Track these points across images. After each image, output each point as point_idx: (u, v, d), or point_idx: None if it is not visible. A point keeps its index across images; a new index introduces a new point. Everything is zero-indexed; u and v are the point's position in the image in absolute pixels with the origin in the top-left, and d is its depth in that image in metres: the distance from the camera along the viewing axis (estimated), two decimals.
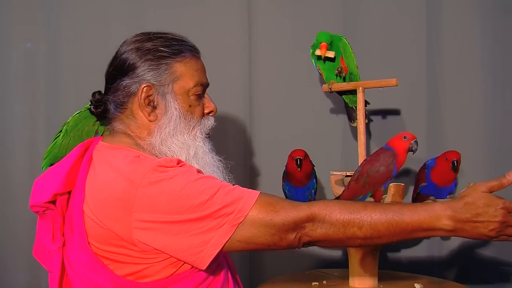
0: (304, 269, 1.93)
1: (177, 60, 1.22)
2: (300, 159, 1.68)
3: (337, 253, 2.01)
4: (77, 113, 1.52)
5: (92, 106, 1.28)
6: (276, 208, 1.07)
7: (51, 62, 2.01)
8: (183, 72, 1.22)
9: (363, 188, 1.53)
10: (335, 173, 1.79)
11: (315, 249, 2.00)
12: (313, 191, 1.76)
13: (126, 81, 1.20)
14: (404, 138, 1.51)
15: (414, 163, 1.90)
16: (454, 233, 1.07)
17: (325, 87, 1.79)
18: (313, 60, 1.79)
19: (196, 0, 2.02)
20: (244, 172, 2.02)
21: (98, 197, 1.12)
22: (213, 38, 2.01)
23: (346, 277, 1.73)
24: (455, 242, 1.95)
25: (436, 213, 1.06)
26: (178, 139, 1.20)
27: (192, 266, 1.11)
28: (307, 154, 1.71)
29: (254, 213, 1.06)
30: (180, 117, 1.20)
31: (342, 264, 1.97)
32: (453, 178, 1.67)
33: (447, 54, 1.94)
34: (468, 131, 1.93)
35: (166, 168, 1.09)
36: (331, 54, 1.70)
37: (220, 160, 1.27)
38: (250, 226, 1.06)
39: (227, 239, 1.05)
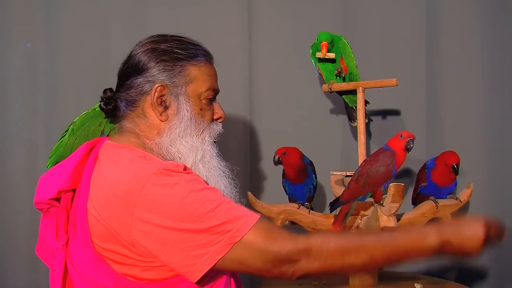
0: None
1: (192, 63, 1.22)
2: (276, 157, 1.70)
3: None
4: (84, 113, 1.52)
5: (102, 102, 1.27)
6: (274, 235, 1.06)
7: (51, 62, 2.01)
8: (197, 76, 1.22)
9: (363, 188, 1.53)
10: (335, 173, 1.79)
11: None
12: (311, 187, 1.77)
13: (139, 80, 1.20)
14: (401, 137, 1.51)
15: (414, 163, 1.90)
16: (442, 249, 1.08)
17: (325, 87, 1.79)
18: (312, 61, 1.79)
19: (196, 0, 2.02)
20: (244, 171, 2.02)
21: (103, 195, 1.12)
22: (213, 38, 2.00)
23: (346, 277, 1.73)
24: None
25: (424, 230, 1.09)
26: (187, 141, 1.20)
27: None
28: (291, 150, 1.71)
29: (252, 236, 1.05)
30: (191, 119, 1.21)
31: None
32: (454, 178, 1.68)
33: (447, 54, 1.94)
34: (468, 131, 1.93)
35: (172, 173, 1.08)
36: (331, 56, 1.70)
37: (227, 166, 1.26)
38: (245, 248, 1.05)
39: (221, 256, 1.05)
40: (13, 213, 1.97)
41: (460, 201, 1.68)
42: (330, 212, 1.69)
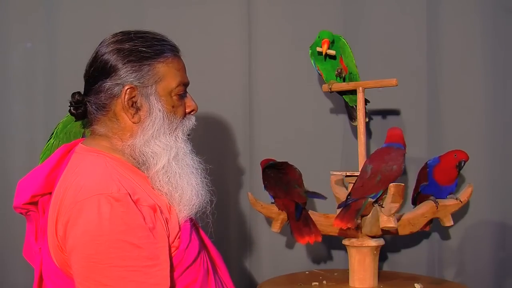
0: (304, 269, 1.93)
1: (159, 60, 1.19)
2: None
3: (337, 253, 2.01)
4: (67, 116, 1.52)
5: (71, 107, 1.25)
6: None
7: (51, 62, 2.01)
8: (165, 73, 1.19)
9: (376, 186, 1.53)
10: (335, 173, 1.79)
11: (314, 249, 2.00)
12: None
13: (108, 83, 1.17)
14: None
15: (414, 163, 1.91)
16: None
17: (325, 87, 1.79)
18: (312, 60, 1.80)
19: (196, 0, 2.02)
20: (244, 171, 2.02)
21: (54, 201, 1.13)
22: (213, 38, 2.01)
23: (346, 277, 1.73)
24: (455, 242, 1.95)
25: None
26: (161, 141, 1.18)
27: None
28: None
29: None
30: (163, 119, 1.18)
31: (342, 264, 1.97)
32: (455, 177, 1.68)
33: (448, 54, 1.94)
34: (469, 131, 1.92)
35: (114, 202, 1.06)
36: (332, 52, 1.70)
37: (200, 162, 1.25)
38: None
39: None
40: (13, 213, 1.96)
41: (461, 201, 1.68)
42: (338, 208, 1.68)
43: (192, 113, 1.26)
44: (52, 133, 1.56)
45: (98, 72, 1.19)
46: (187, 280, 1.15)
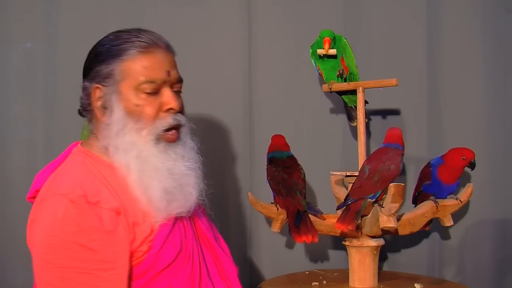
0: (304, 269, 1.93)
1: (123, 58, 1.17)
2: None
3: (337, 253, 2.01)
4: None
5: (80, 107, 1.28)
6: None
7: (51, 62, 2.01)
8: (129, 71, 1.16)
9: (374, 186, 1.53)
10: (335, 173, 1.79)
11: (314, 249, 2.00)
12: None
13: (85, 83, 1.22)
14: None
15: (414, 163, 1.90)
16: None
17: (325, 87, 1.79)
18: (312, 60, 1.79)
19: (196, 0, 2.01)
20: (244, 172, 2.02)
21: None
22: (213, 38, 2.01)
23: (346, 277, 1.73)
24: (455, 242, 1.95)
25: None
26: (124, 140, 1.16)
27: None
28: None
29: None
30: (126, 117, 1.16)
31: (342, 264, 1.97)
32: (458, 176, 1.68)
33: (448, 54, 1.94)
34: (469, 131, 1.92)
35: (75, 205, 1.07)
36: (333, 52, 1.70)
37: (197, 162, 1.23)
38: None
39: None
40: (13, 213, 1.97)
41: (461, 201, 1.68)
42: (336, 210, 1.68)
43: (171, 111, 1.20)
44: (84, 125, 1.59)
45: (82, 72, 1.24)
46: (163, 284, 1.14)
